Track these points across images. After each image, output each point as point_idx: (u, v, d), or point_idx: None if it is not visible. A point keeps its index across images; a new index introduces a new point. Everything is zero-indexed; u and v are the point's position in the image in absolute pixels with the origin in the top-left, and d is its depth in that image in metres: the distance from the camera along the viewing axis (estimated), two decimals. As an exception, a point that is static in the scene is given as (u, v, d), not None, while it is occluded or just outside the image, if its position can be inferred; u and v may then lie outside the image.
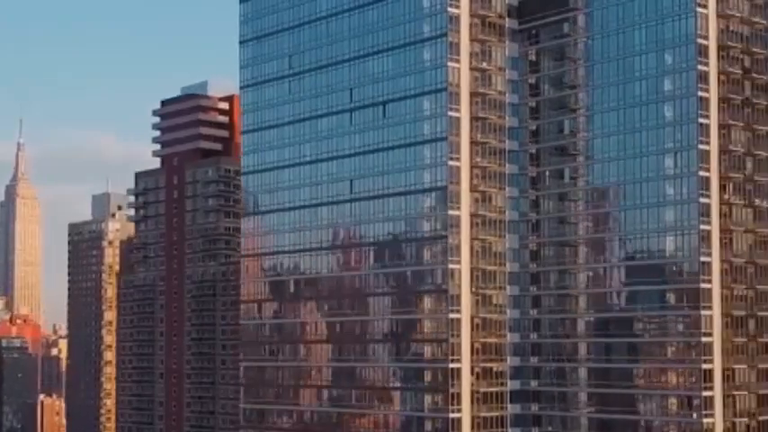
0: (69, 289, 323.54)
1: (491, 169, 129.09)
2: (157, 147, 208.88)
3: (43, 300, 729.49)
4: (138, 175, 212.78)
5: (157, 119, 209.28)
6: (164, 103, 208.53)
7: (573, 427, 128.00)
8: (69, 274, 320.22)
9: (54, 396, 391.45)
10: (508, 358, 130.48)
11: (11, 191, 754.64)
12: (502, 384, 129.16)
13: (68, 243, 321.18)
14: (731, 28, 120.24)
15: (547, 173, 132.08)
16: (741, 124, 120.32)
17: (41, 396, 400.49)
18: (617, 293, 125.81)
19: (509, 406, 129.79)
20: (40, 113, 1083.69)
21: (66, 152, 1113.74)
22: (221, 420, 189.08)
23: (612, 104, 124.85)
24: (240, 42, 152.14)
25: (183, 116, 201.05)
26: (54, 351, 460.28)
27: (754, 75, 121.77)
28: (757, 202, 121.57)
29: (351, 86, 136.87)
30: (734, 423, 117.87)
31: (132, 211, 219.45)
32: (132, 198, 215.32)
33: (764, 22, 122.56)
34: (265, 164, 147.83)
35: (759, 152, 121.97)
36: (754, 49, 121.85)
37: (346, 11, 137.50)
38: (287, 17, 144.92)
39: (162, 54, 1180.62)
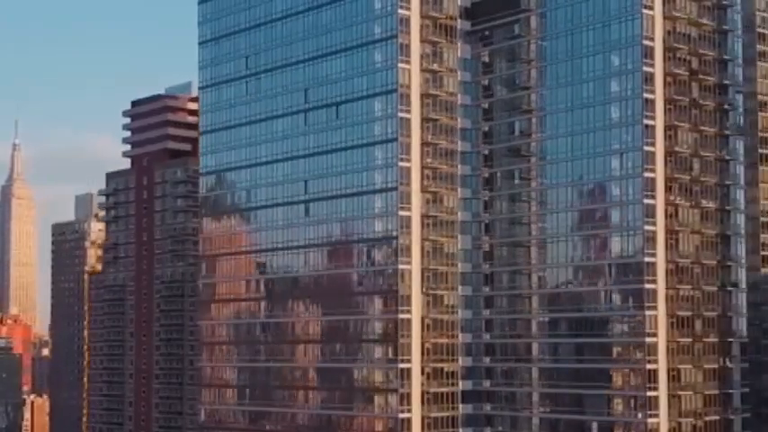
0: (53, 289, 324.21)
1: (442, 170, 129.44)
2: (128, 147, 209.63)
3: (38, 300, 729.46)
4: (108, 176, 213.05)
5: (128, 119, 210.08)
6: (134, 103, 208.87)
7: (525, 428, 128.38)
8: (53, 275, 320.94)
9: (44, 396, 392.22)
10: (460, 359, 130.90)
11: (6, 191, 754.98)
12: (453, 385, 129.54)
13: (52, 243, 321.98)
14: (678, 29, 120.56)
15: (500, 174, 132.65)
16: (688, 126, 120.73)
17: (32, 396, 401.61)
18: (565, 294, 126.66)
19: (461, 406, 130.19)
20: (36, 114, 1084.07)
21: (63, 153, 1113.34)
22: (189, 421, 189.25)
23: (563, 106, 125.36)
24: (199, 43, 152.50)
25: (152, 117, 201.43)
26: (45, 351, 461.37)
27: (702, 76, 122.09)
28: (704, 203, 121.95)
29: (305, 87, 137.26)
30: (679, 423, 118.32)
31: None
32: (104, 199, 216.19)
33: (712, 23, 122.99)
34: (223, 165, 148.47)
35: (706, 154, 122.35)
36: (702, 51, 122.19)
37: (301, 12, 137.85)
38: (244, 18, 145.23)
39: (161, 54, 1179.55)
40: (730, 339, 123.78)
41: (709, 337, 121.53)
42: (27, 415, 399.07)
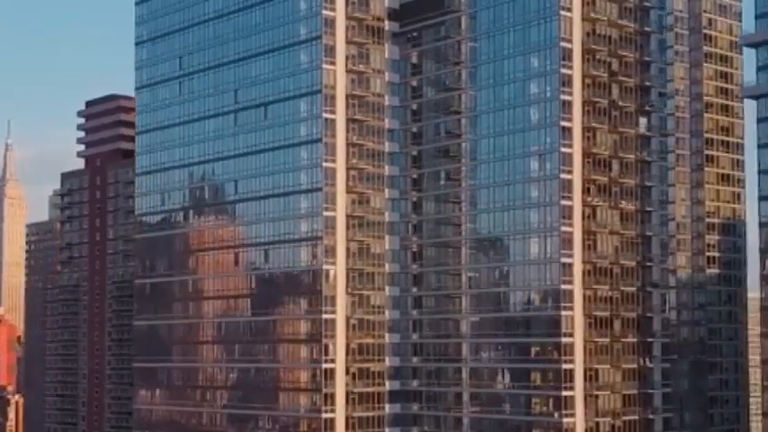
0: (26, 289, 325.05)
1: (369, 171, 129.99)
2: (82, 147, 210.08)
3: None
4: (63, 176, 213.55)
5: (83, 119, 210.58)
6: (88, 103, 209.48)
7: (454, 428, 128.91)
8: (26, 275, 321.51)
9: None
10: (387, 359, 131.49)
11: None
12: (380, 384, 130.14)
13: (26, 243, 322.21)
14: (598, 31, 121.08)
15: (428, 175, 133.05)
16: (606, 127, 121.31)
17: (16, 396, 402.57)
18: (491, 294, 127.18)
19: (388, 406, 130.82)
20: (29, 114, 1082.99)
21: (56, 153, 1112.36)
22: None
23: (488, 107, 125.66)
24: (136, 44, 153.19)
25: (105, 117, 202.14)
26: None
27: (623, 78, 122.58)
28: (623, 204, 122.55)
29: (236, 88, 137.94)
30: (597, 423, 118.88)
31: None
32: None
33: (632, 25, 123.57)
34: (158, 165, 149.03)
35: (626, 155, 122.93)
36: (622, 53, 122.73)
37: (231, 13, 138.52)
38: (178, 19, 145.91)
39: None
40: (650, 339, 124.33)
41: (628, 338, 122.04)
42: (11, 415, 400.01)
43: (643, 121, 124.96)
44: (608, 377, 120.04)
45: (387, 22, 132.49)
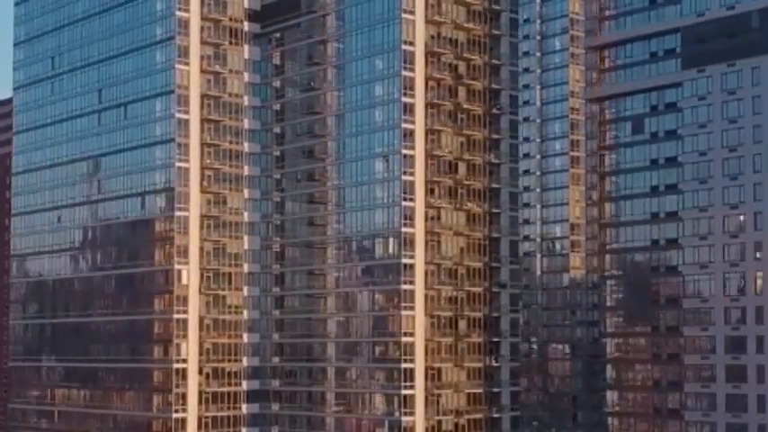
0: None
1: (225, 171, 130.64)
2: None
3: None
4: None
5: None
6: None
7: (318, 427, 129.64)
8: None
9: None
10: (244, 358, 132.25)
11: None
12: (236, 384, 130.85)
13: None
14: (443, 34, 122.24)
15: (292, 175, 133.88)
16: (450, 130, 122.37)
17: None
18: (347, 294, 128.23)
19: (245, 406, 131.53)
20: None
21: None
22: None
23: (347, 107, 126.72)
24: (14, 44, 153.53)
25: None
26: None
27: (469, 81, 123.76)
28: (469, 205, 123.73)
29: (100, 87, 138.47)
30: (439, 421, 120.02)
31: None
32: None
33: (479, 28, 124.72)
34: (31, 164, 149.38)
35: (473, 157, 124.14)
36: (469, 56, 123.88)
37: (97, 13, 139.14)
38: (51, 19, 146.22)
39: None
40: (497, 339, 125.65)
41: (472, 337, 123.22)
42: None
43: (505, 121, 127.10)
44: (451, 376, 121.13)
45: (247, 24, 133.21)
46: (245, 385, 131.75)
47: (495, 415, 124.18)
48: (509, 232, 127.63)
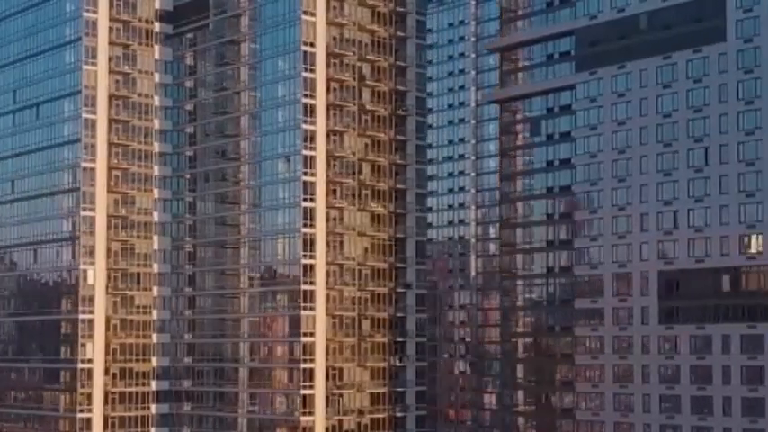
0: None
1: (133, 171, 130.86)
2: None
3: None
4: None
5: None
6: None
7: (229, 428, 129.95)
8: None
9: None
10: (154, 359, 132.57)
11: None
12: (145, 384, 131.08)
13: None
14: (346, 36, 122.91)
15: (204, 175, 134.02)
16: (356, 131, 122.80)
17: None
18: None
19: (154, 406, 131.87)
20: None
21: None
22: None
23: (257, 107, 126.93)
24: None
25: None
26: None
27: (373, 82, 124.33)
28: (374, 206, 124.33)
29: (14, 88, 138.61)
30: (341, 421, 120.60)
31: None
32: None
33: (383, 30, 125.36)
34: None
35: (378, 159, 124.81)
36: (374, 57, 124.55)
37: (11, 15, 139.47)
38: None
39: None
40: (402, 339, 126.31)
41: (376, 337, 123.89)
42: None
43: (411, 122, 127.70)
44: (354, 376, 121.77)
45: (158, 24, 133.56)
46: (154, 385, 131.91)
47: (400, 414, 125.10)
48: (416, 233, 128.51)
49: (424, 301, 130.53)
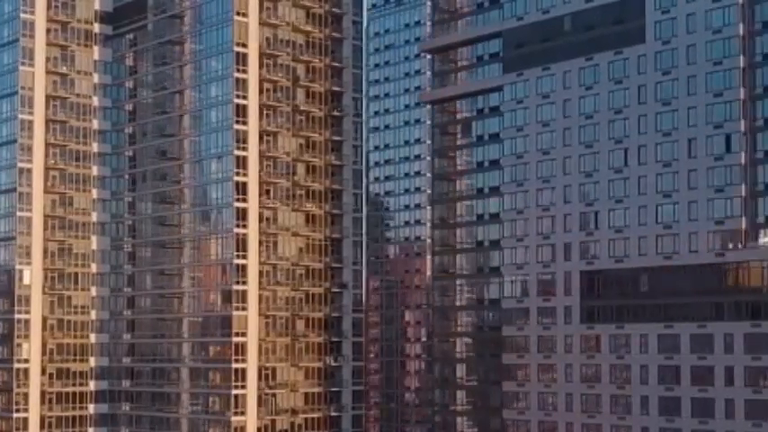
0: None
1: (71, 171, 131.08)
2: None
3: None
4: None
5: None
6: None
7: (169, 427, 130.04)
8: None
9: None
10: (92, 359, 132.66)
11: None
12: (82, 384, 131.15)
13: None
14: (280, 36, 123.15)
15: (144, 175, 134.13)
16: (287, 131, 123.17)
17: None
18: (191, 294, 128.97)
19: (93, 406, 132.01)
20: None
21: None
22: None
23: (196, 107, 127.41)
24: None
25: None
26: None
27: (308, 83, 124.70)
28: (309, 206, 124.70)
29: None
30: (273, 421, 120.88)
31: None
32: None
33: (318, 30, 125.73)
34: None
35: (313, 159, 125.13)
36: (308, 58, 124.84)
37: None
38: None
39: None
40: (338, 339, 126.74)
41: (311, 337, 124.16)
42: None
43: (348, 123, 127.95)
44: (287, 376, 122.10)
45: (98, 25, 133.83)
46: (92, 385, 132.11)
47: (334, 414, 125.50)
48: (352, 233, 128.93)
49: (360, 301, 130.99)
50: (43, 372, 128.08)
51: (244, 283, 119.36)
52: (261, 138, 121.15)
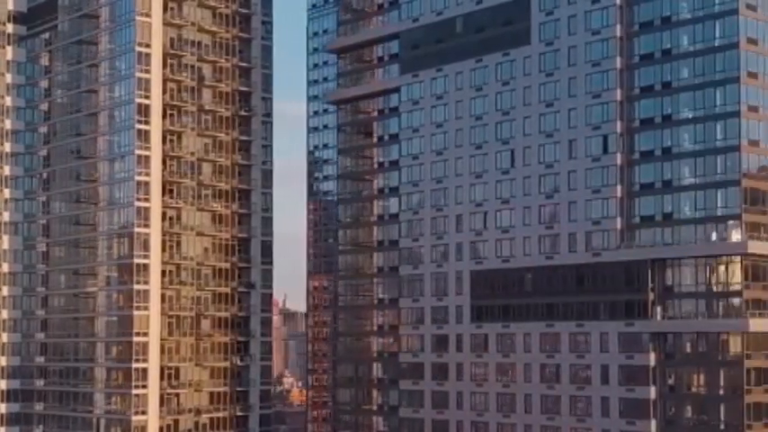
0: None
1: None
2: None
3: None
4: None
5: None
6: None
7: (81, 427, 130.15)
8: None
9: None
10: (3, 358, 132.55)
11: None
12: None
13: None
14: (185, 37, 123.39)
15: (58, 174, 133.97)
16: (195, 131, 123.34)
17: None
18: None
19: (5, 405, 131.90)
20: None
21: None
22: None
23: (102, 107, 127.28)
24: None
25: None
26: None
27: (214, 83, 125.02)
28: (215, 206, 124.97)
29: None
30: (176, 420, 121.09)
31: None
32: None
33: (224, 30, 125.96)
34: None
35: (219, 159, 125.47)
36: (214, 58, 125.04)
37: None
38: None
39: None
40: (245, 339, 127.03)
41: (216, 337, 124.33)
42: None
43: (256, 123, 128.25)
44: (191, 375, 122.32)
45: (11, 26, 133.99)
46: (3, 384, 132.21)
47: (241, 413, 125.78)
48: (261, 233, 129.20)
49: (268, 300, 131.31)
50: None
51: (146, 282, 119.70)
52: (164, 137, 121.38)
